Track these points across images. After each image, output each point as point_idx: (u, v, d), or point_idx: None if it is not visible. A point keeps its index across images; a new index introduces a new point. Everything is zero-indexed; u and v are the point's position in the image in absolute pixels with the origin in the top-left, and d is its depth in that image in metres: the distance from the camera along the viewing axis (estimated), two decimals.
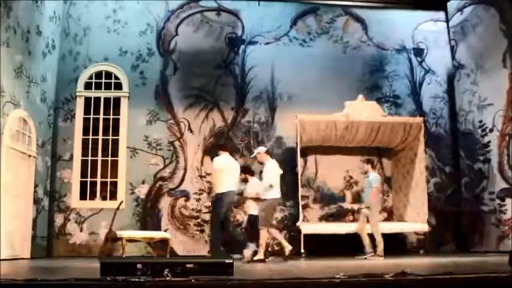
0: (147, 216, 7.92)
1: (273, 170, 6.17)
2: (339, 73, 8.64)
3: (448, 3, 9.03)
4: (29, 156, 7.04)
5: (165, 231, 7.61)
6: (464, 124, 8.52)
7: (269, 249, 7.03)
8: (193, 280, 3.02)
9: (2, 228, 5.98)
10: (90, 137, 8.09)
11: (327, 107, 8.01)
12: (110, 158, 8.08)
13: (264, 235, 6.04)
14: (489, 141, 7.93)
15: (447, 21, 9.11)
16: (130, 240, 6.49)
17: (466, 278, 3.22)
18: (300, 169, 7.80)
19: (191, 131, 8.26)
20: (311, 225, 7.80)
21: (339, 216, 8.46)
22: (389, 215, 8.63)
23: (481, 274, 3.36)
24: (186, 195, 8.06)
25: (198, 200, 8.06)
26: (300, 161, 7.83)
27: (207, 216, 7.83)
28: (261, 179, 6.41)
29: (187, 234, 7.90)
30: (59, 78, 8.16)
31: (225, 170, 6.19)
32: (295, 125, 7.78)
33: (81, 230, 7.77)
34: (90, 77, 8.34)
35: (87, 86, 8.32)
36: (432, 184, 8.57)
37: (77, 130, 8.06)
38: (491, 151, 7.88)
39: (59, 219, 7.80)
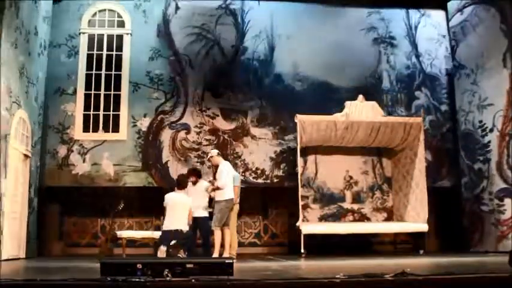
0: (149, 148, 8.13)
1: (225, 171, 6.30)
2: (336, 13, 8.88)
3: (448, 4, 9.02)
4: (26, 156, 7.05)
5: (166, 162, 7.80)
6: (465, 124, 8.52)
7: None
8: (193, 280, 3.03)
9: (4, 229, 5.99)
10: (94, 72, 8.27)
11: (325, 45, 8.55)
12: (112, 92, 8.26)
13: (218, 234, 6.20)
14: (489, 141, 7.92)
15: (447, 21, 9.11)
16: (130, 240, 6.51)
17: (466, 278, 3.23)
18: (300, 169, 7.80)
19: (192, 67, 8.41)
20: (311, 225, 7.79)
21: (338, 216, 8.46)
22: (389, 215, 8.63)
23: (481, 274, 3.36)
24: (186, 128, 8.27)
25: (199, 133, 8.26)
26: (300, 161, 7.83)
27: (208, 149, 8.03)
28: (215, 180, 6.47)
29: (188, 165, 8.05)
30: (64, 16, 8.33)
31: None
32: (293, 62, 8.19)
33: (83, 161, 7.94)
34: (94, 15, 8.50)
35: (91, 23, 8.50)
36: (428, 122, 8.76)
37: (80, 65, 8.24)
38: (491, 151, 7.88)
39: (62, 150, 7.95)
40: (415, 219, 7.87)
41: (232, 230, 6.63)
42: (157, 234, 6.97)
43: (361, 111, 7.92)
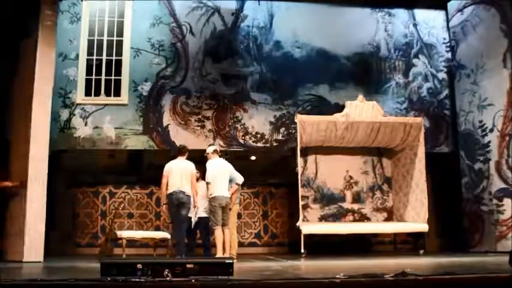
0: (150, 112, 8.21)
1: (210, 169, 6.30)
2: None
3: (449, 4, 9.02)
4: None
5: (167, 126, 7.97)
6: (465, 124, 8.52)
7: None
8: (193, 280, 3.03)
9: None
10: (96, 38, 8.37)
11: (324, 14, 8.71)
12: (114, 58, 8.36)
13: (216, 235, 6.17)
14: (489, 142, 7.93)
15: (447, 21, 9.12)
16: (130, 240, 6.52)
17: (466, 278, 3.23)
18: (300, 169, 7.81)
19: (193, 34, 8.50)
20: (311, 225, 7.80)
21: (339, 216, 8.47)
22: (390, 215, 8.64)
23: (481, 274, 3.36)
24: (187, 93, 8.34)
25: (199, 97, 8.35)
26: (300, 161, 7.83)
27: (209, 113, 8.23)
28: None
29: (189, 129, 8.18)
30: None
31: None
32: (292, 30, 8.28)
33: (85, 125, 8.04)
34: None
35: None
36: (425, 89, 8.89)
37: (82, 31, 8.34)
38: (491, 151, 7.88)
39: (64, 114, 8.03)
40: (415, 219, 7.87)
41: (232, 230, 6.62)
42: (157, 234, 7.00)
43: (361, 111, 7.93)
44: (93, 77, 8.27)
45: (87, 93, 8.20)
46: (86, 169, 8.46)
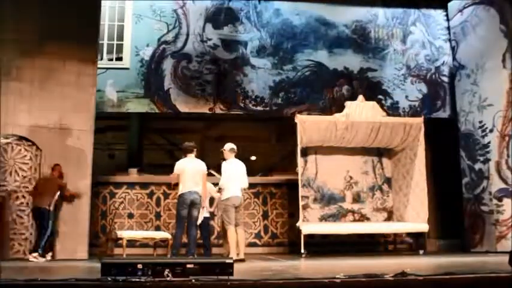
0: (151, 76, 8.34)
1: (225, 170, 6.33)
2: None
3: (449, 4, 9.05)
4: None
5: (168, 90, 8.08)
6: (465, 124, 8.53)
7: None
8: (193, 280, 3.04)
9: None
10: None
11: None
12: (116, 23, 8.51)
13: (229, 234, 6.17)
14: (489, 142, 7.94)
15: (448, 21, 9.14)
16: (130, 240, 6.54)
17: (466, 278, 3.24)
18: (300, 169, 7.83)
19: (193, 0, 8.65)
20: (311, 225, 7.81)
21: (339, 216, 8.48)
22: (389, 215, 8.65)
23: (481, 274, 3.37)
24: (188, 58, 8.47)
25: (200, 62, 8.48)
26: (300, 161, 7.85)
27: (209, 77, 8.40)
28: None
29: (189, 93, 8.31)
30: None
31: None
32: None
33: None
34: None
35: None
36: (423, 56, 9.12)
37: None
38: (491, 151, 7.89)
39: None
40: (415, 219, 7.89)
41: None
42: (157, 234, 7.01)
43: (361, 111, 7.94)
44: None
45: None
46: None
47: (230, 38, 8.65)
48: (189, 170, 6.11)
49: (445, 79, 9.04)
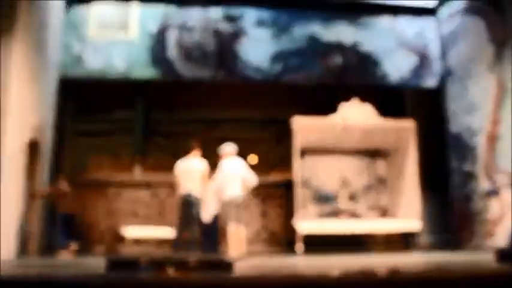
0: (156, 46, 8.57)
1: (221, 170, 6.33)
2: None
3: (439, 12, 9.24)
4: None
5: (172, 59, 8.48)
6: (455, 127, 8.74)
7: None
8: (194, 277, 3.11)
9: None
10: None
11: None
12: None
13: (230, 232, 6.18)
14: (477, 144, 8.16)
15: (438, 28, 9.34)
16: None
17: (456, 274, 3.37)
18: (297, 170, 7.97)
19: None
20: (308, 223, 7.98)
21: (334, 215, 8.64)
22: (383, 213, 8.84)
23: (469, 271, 3.51)
24: (191, 30, 8.79)
25: (203, 33, 8.77)
26: (297, 161, 8.00)
27: (211, 47, 8.65)
28: None
29: (192, 61, 8.63)
30: None
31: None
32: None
33: (96, 57, 8.42)
34: None
35: None
36: (413, 30, 9.30)
37: None
38: (478, 153, 8.12)
39: (76, 47, 8.42)
40: (408, 218, 8.09)
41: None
42: (161, 233, 7.10)
43: (356, 114, 8.12)
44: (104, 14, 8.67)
45: (98, 27, 8.62)
46: None
47: (229, 12, 8.95)
48: (184, 173, 6.20)
49: (434, 51, 9.26)
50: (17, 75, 6.02)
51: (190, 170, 6.23)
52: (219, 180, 6.32)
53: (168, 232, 7.21)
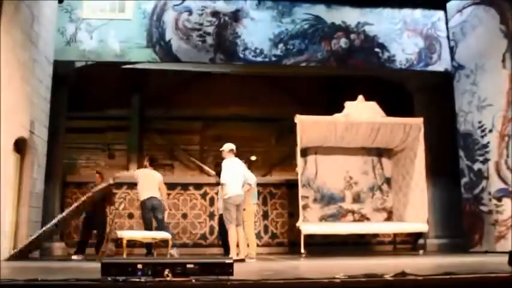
0: (153, 27, 8.45)
1: (226, 168, 6.32)
2: None
3: (448, 4, 9.03)
4: None
5: (169, 41, 8.24)
6: (464, 125, 8.53)
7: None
8: (193, 280, 3.03)
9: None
10: None
11: None
12: None
13: (232, 234, 6.15)
14: (488, 142, 7.95)
15: (446, 22, 9.13)
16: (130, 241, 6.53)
17: (466, 278, 3.23)
18: (300, 169, 7.83)
19: None
20: (311, 225, 7.81)
21: (338, 216, 8.49)
22: (389, 215, 8.66)
23: (481, 274, 3.37)
24: (189, 11, 8.59)
25: (201, 15, 8.61)
26: (299, 161, 7.85)
27: (210, 29, 8.45)
28: None
29: (190, 43, 8.45)
30: None
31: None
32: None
33: (91, 38, 8.26)
34: None
35: None
36: (419, 11, 9.19)
37: None
38: (490, 152, 7.90)
39: (70, 28, 8.24)
40: (415, 219, 7.89)
41: (249, 229, 6.59)
42: (157, 234, 7.00)
43: (361, 111, 7.95)
44: None
45: (93, 9, 8.46)
46: None
47: None
48: (145, 178, 6.94)
49: (441, 34, 9.08)
50: (3, 72, 5.80)
51: (150, 177, 6.91)
52: (224, 177, 6.30)
53: (165, 234, 7.09)
